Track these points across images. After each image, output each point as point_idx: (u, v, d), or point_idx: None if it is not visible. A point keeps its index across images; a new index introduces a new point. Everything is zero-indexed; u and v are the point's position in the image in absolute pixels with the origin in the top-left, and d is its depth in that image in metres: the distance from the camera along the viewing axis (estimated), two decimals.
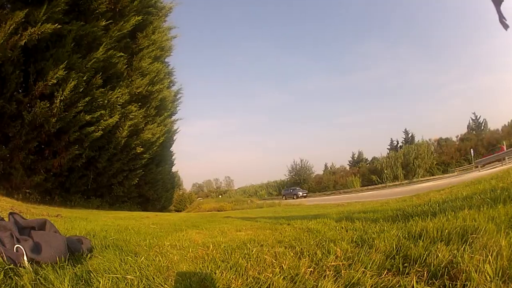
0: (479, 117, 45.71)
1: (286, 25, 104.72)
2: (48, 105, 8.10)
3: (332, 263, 1.62)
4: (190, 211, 28.56)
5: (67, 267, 1.61)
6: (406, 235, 1.95)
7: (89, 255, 1.92)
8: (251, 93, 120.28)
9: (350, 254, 1.73)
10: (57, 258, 1.65)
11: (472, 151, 32.20)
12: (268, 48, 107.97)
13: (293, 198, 33.70)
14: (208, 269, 1.69)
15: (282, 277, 1.47)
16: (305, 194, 37.40)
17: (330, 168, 56.52)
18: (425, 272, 1.34)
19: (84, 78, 8.93)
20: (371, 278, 1.37)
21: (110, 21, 9.77)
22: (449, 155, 38.75)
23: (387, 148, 51.94)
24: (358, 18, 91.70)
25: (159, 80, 13.53)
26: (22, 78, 8.03)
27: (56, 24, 7.65)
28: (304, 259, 1.74)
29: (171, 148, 19.44)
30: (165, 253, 2.11)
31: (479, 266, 1.28)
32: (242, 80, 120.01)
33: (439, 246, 1.58)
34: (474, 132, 44.21)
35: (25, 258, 1.54)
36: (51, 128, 8.44)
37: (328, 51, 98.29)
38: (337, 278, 1.43)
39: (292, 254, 1.89)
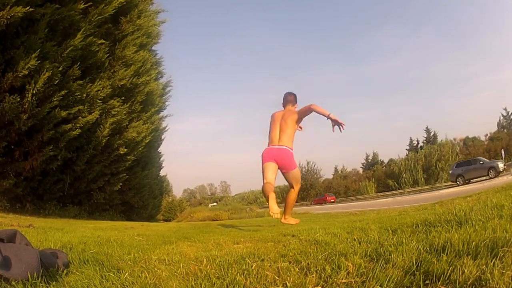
0: (511, 114, 45.71)
1: (291, 10, 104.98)
2: (19, 99, 8.05)
3: (343, 280, 1.62)
4: (180, 221, 28.86)
5: (40, 284, 1.61)
6: (428, 248, 1.96)
7: (65, 271, 1.92)
8: (252, 86, 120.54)
9: (364, 269, 1.74)
10: (29, 275, 1.64)
11: (503, 152, 32.19)
12: (272, 35, 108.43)
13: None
14: (201, 287, 1.70)
15: None
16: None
17: (341, 171, 56.70)
18: None
19: (60, 68, 8.90)
20: None
21: (89, 3, 9.72)
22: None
23: (406, 149, 52.09)
24: (374, 0, 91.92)
25: (145, 71, 13.53)
26: None
27: (28, 7, 7.60)
28: (311, 276, 1.74)
29: (159, 149, 19.54)
30: (152, 269, 2.12)
31: (511, 284, 1.28)
32: (241, 71, 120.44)
33: (465, 261, 1.58)
34: (505, 130, 44.23)
35: None
36: (22, 126, 8.41)
37: (339, 39, 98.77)
38: None
39: (297, 269, 1.89)
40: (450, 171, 26.01)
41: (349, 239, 2.73)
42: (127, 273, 1.93)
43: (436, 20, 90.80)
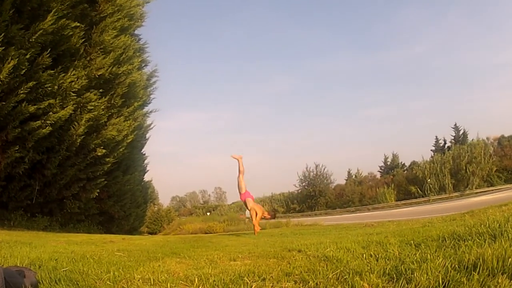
0: None
1: None
2: None
3: None
4: (168, 234, 29.03)
5: None
6: (456, 266, 1.96)
7: None
8: (251, 78, 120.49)
9: None
10: None
11: None
12: (274, 17, 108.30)
13: None
14: None
15: None
16: None
17: (355, 176, 56.41)
18: None
19: (27, 56, 8.88)
20: None
21: None
22: None
23: (431, 150, 51.93)
24: None
25: (127, 59, 13.46)
26: None
27: None
28: None
29: (143, 150, 19.44)
30: None
31: None
32: (238, 60, 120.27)
33: (500, 280, 1.60)
34: None
35: None
36: None
37: (353, 22, 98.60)
38: None
39: None
40: None
41: (364, 255, 2.74)
42: None
43: (465, 0, 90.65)
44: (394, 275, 1.99)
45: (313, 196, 49.77)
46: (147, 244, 6.59)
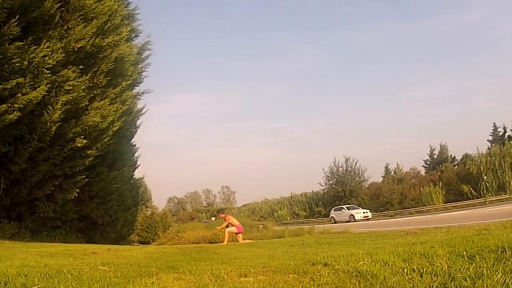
0: None
1: None
2: None
3: None
4: (164, 243, 29.07)
5: None
6: None
7: None
8: (265, 52, 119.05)
9: None
10: None
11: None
12: None
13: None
14: None
15: None
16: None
17: (394, 172, 56.26)
18: None
19: None
20: None
21: None
22: None
23: (488, 140, 51.37)
24: None
25: (113, 28, 13.40)
26: None
27: None
28: None
29: (132, 140, 19.69)
30: None
31: None
32: (250, 30, 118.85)
33: None
34: None
35: None
36: None
37: None
38: None
39: None
40: None
41: (406, 270, 2.81)
42: None
43: None
44: None
45: (342, 197, 49.65)
46: (138, 256, 6.66)
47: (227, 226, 14.80)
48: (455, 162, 51.56)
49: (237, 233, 14.80)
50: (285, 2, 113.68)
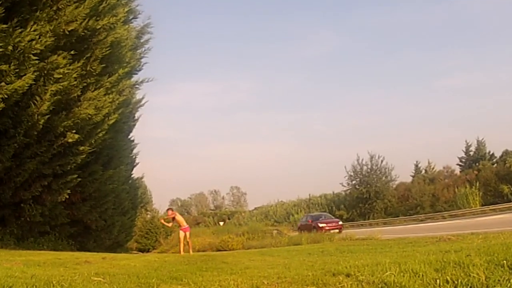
0: None
1: None
2: None
3: None
4: (166, 251, 29.25)
5: None
6: None
7: None
8: (279, 35, 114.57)
9: None
10: None
11: None
12: None
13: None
14: None
15: None
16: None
17: (425, 171, 55.82)
18: None
19: None
20: None
21: None
22: None
23: None
24: None
25: (108, 9, 13.20)
26: None
27: None
28: None
29: (130, 135, 19.96)
30: None
31: None
32: (261, 12, 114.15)
33: None
34: None
35: None
36: None
37: None
38: None
39: None
40: None
41: (438, 281, 2.91)
42: None
43: None
44: None
45: (367, 199, 48.98)
46: (136, 265, 6.79)
47: (172, 222, 15.27)
48: (494, 160, 50.57)
49: (184, 235, 14.88)
50: None
